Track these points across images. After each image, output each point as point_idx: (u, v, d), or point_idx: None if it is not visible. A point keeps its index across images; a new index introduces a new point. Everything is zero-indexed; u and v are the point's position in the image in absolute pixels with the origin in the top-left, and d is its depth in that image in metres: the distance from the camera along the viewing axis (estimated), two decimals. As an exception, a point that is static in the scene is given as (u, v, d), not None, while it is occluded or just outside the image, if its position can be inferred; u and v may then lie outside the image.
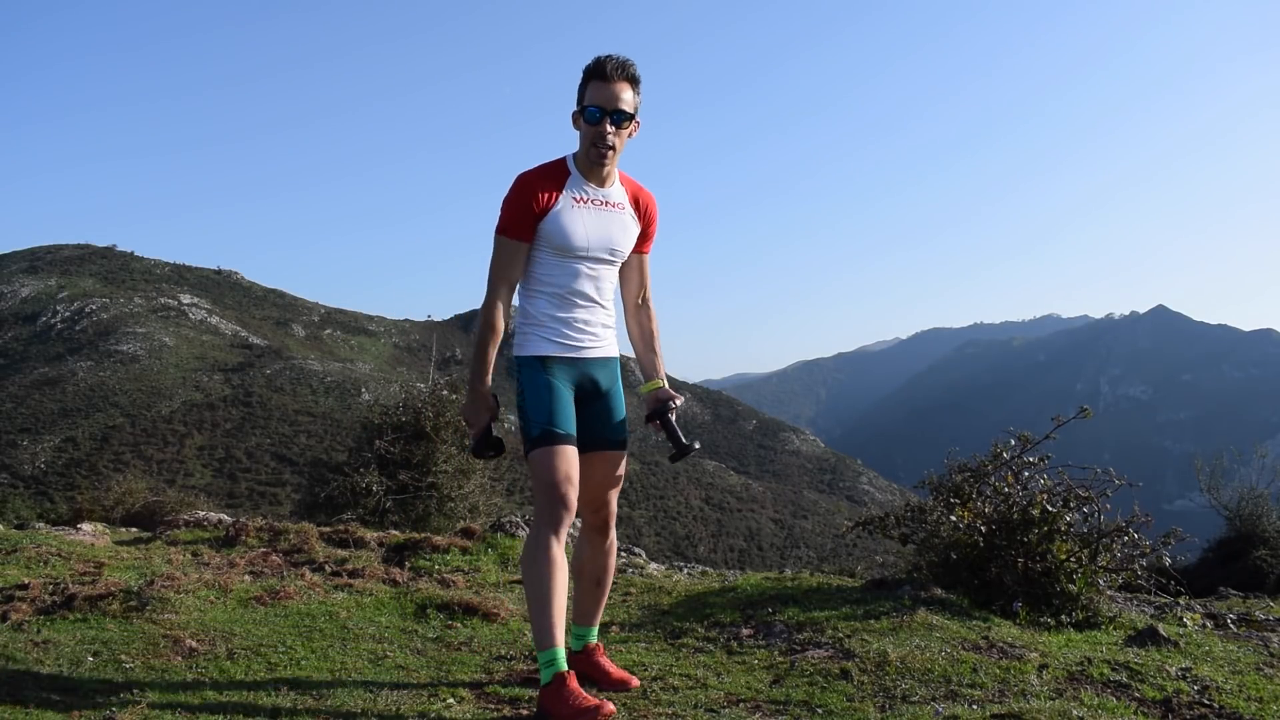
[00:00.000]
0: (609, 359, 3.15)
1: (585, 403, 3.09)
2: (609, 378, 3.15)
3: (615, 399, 3.16)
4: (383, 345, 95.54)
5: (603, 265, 3.09)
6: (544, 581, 2.81)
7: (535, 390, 2.99)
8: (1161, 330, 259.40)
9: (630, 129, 3.04)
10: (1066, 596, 4.23)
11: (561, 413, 2.96)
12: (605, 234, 3.06)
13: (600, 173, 3.06)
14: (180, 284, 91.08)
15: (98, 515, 10.76)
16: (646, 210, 3.19)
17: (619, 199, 3.11)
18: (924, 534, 4.85)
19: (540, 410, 2.95)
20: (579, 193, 3.04)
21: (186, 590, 4.16)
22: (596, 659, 3.14)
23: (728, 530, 63.92)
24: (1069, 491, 4.45)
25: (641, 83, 3.02)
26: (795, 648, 3.54)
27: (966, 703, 2.87)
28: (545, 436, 2.91)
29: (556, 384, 3.00)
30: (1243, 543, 10.11)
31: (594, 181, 3.07)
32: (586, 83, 2.97)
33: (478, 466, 9.09)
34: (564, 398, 3.00)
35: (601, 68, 2.93)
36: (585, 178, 3.06)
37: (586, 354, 3.08)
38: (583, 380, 3.08)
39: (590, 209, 3.04)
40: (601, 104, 2.93)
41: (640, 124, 3.07)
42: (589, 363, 3.09)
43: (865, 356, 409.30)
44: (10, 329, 76.10)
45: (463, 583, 4.81)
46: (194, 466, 55.96)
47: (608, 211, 3.07)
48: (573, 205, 3.01)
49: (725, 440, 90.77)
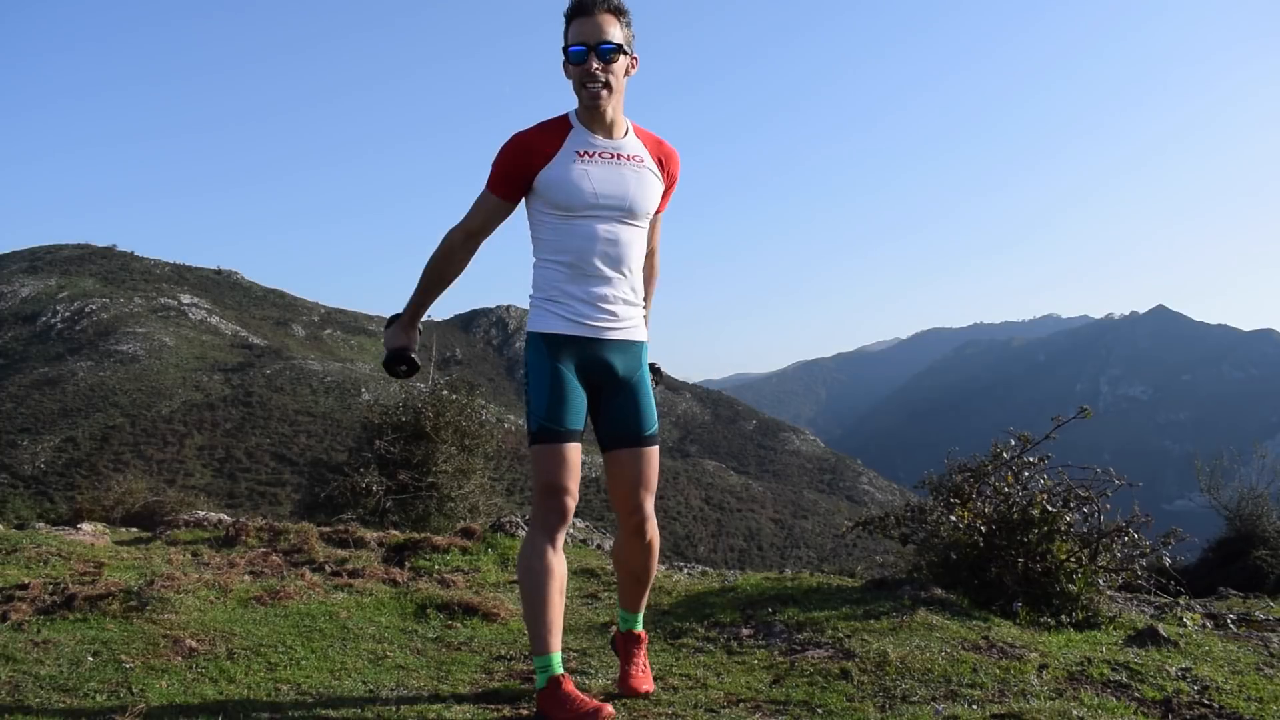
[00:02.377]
0: (632, 343, 2.82)
1: (604, 392, 2.81)
2: (631, 364, 2.82)
3: (640, 388, 2.83)
4: (383, 345, 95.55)
5: (621, 226, 2.75)
6: (537, 590, 2.66)
7: (539, 376, 2.73)
8: (1161, 330, 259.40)
9: (626, 65, 2.73)
10: (1066, 596, 4.24)
11: (564, 406, 2.69)
12: (619, 189, 2.73)
13: (603, 120, 2.73)
14: (180, 284, 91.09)
15: (98, 515, 10.77)
16: (669, 164, 2.88)
17: (635, 150, 2.79)
18: (924, 534, 4.85)
19: (540, 401, 2.70)
20: (584, 146, 2.73)
21: (186, 590, 4.15)
22: (631, 648, 3.01)
23: (728, 530, 63.93)
24: (1069, 491, 4.46)
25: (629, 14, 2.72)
26: (795, 648, 3.54)
27: (966, 703, 2.87)
28: (542, 433, 2.69)
29: (562, 370, 2.72)
30: (1243, 543, 10.12)
31: (600, 133, 2.75)
32: (568, 25, 2.71)
33: (478, 466, 9.10)
34: (569, 387, 2.72)
35: (580, 4, 2.67)
36: (590, 129, 2.75)
37: (604, 335, 2.76)
38: (597, 365, 2.77)
39: (598, 162, 2.72)
40: (585, 40, 2.65)
41: (638, 60, 2.78)
42: (606, 345, 2.76)
43: (865, 356, 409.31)
44: (10, 329, 76.10)
45: (463, 583, 4.81)
46: (194, 466, 55.96)
47: (621, 164, 2.75)
48: (576, 158, 2.71)
49: (725, 440, 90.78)
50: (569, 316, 2.73)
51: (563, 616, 2.73)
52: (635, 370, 2.84)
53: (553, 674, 2.63)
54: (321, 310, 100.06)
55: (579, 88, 2.70)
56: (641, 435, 2.82)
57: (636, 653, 3.03)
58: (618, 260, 2.75)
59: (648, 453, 2.83)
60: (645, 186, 2.78)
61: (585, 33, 2.66)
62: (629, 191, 2.74)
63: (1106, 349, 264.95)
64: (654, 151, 2.84)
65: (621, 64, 2.71)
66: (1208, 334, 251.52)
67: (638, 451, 2.81)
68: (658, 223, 3.00)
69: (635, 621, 3.07)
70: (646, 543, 2.89)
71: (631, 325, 2.82)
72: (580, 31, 2.66)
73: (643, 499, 2.83)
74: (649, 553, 2.92)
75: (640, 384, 2.84)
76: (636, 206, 2.76)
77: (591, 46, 2.65)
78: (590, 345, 2.75)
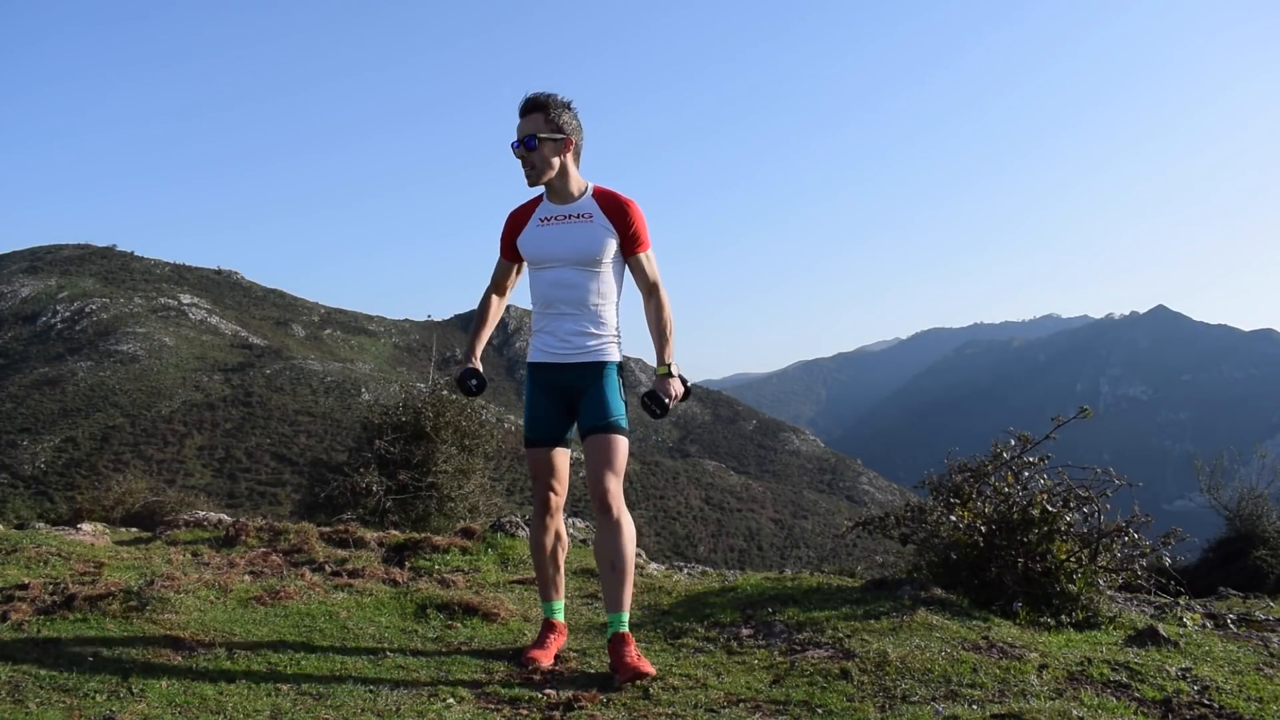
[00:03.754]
0: (592, 363, 3.44)
1: (576, 400, 3.47)
2: (591, 378, 3.44)
3: (599, 392, 3.42)
4: (383, 345, 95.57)
5: (578, 271, 3.41)
6: (536, 555, 3.59)
7: (526, 398, 3.57)
8: (1161, 330, 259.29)
9: (554, 148, 3.38)
10: (1066, 596, 4.24)
11: (537, 419, 3.50)
12: (570, 244, 3.40)
13: (555, 191, 3.46)
14: (180, 284, 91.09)
15: (98, 515, 10.77)
16: (622, 216, 3.43)
17: (587, 209, 3.44)
18: (924, 534, 4.85)
19: (526, 417, 3.54)
20: (545, 213, 3.48)
21: (186, 590, 4.15)
22: (619, 649, 3.24)
23: (728, 530, 63.92)
24: (1069, 491, 4.46)
25: (555, 105, 3.37)
26: (795, 648, 3.54)
27: (966, 703, 2.87)
28: (526, 441, 3.54)
29: (538, 393, 3.51)
30: (1243, 543, 10.11)
31: (555, 201, 3.47)
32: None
33: (478, 466, 9.09)
34: (541, 405, 3.50)
35: (520, 105, 3.40)
36: (550, 201, 3.48)
37: (565, 359, 3.44)
38: (566, 384, 3.46)
39: (554, 225, 3.44)
40: (519, 135, 3.39)
41: (573, 140, 3.42)
42: (569, 368, 3.44)
43: (865, 356, 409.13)
44: (10, 329, 76.10)
45: (463, 583, 4.81)
46: (194, 466, 55.95)
47: (573, 224, 3.42)
48: (538, 225, 3.47)
49: (725, 440, 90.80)
50: (540, 348, 3.50)
51: (560, 577, 3.62)
52: (596, 380, 3.44)
53: (545, 617, 3.61)
54: (321, 310, 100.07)
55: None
56: (601, 422, 3.38)
57: (625, 649, 3.25)
58: (577, 300, 3.42)
59: (608, 437, 3.37)
60: (595, 238, 3.40)
61: (519, 129, 3.40)
62: (580, 245, 3.40)
63: (1106, 349, 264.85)
64: (605, 207, 3.44)
65: (547, 149, 3.38)
66: (1208, 334, 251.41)
67: (600, 436, 3.37)
68: (645, 262, 3.51)
69: (620, 622, 3.31)
70: (613, 519, 3.32)
71: (595, 350, 3.44)
72: (518, 128, 3.41)
73: (602, 476, 3.32)
74: (618, 533, 3.31)
75: (602, 387, 3.43)
76: (584, 254, 3.40)
77: (521, 141, 3.38)
78: (557, 370, 3.46)
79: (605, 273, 3.44)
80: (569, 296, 3.41)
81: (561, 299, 3.42)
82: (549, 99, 3.39)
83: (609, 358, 3.45)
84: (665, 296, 3.51)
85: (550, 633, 3.54)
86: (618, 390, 3.45)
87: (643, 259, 3.49)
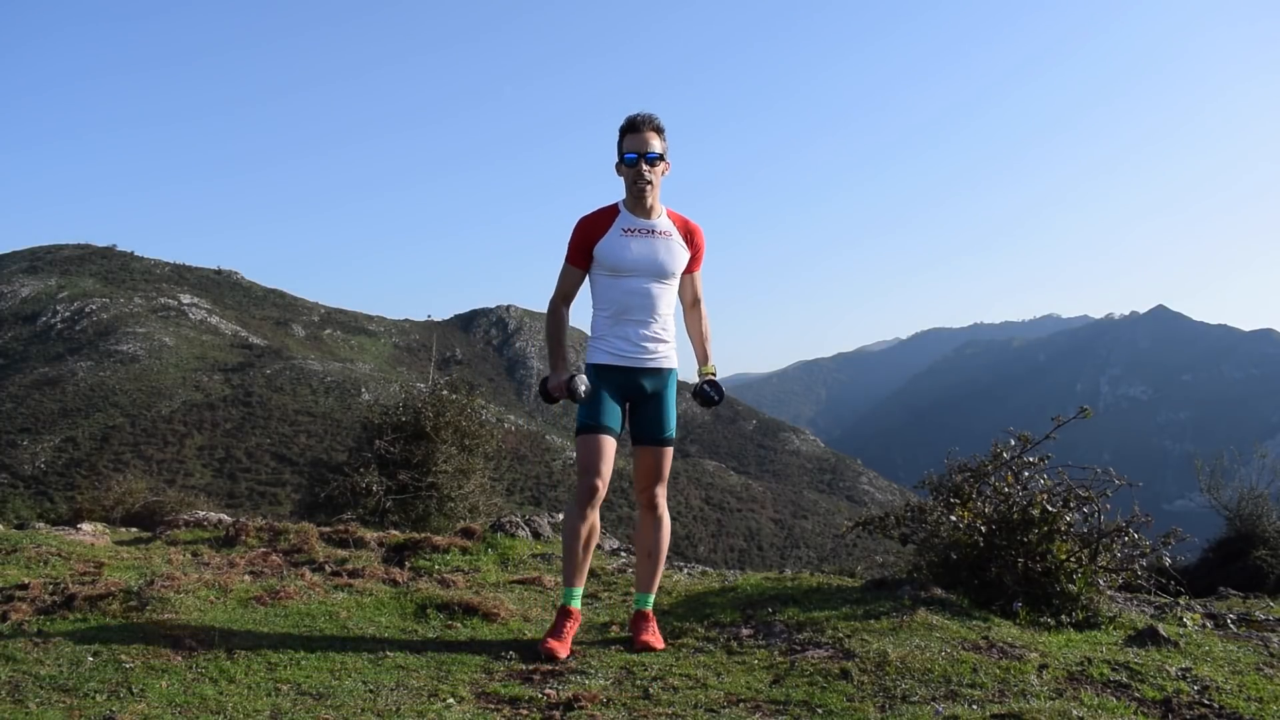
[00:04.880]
0: (659, 369, 3.73)
1: (638, 404, 3.74)
2: (658, 384, 3.74)
3: (662, 403, 3.74)
4: (383, 345, 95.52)
5: (655, 283, 3.68)
6: (570, 542, 3.63)
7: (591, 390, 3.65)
8: (1161, 330, 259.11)
9: (663, 168, 3.68)
10: (1066, 596, 4.23)
11: (600, 409, 3.63)
12: (652, 257, 3.67)
13: (644, 206, 3.69)
14: (180, 284, 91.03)
15: (98, 515, 10.76)
16: (694, 237, 3.80)
17: (666, 228, 3.74)
18: (924, 534, 4.85)
19: (590, 406, 3.63)
20: (628, 225, 3.70)
21: (186, 590, 4.16)
22: (640, 624, 3.70)
23: (728, 530, 63.90)
24: (1069, 491, 4.45)
25: (665, 130, 3.65)
26: (795, 648, 3.54)
27: (966, 703, 2.87)
28: (583, 427, 3.64)
29: (602, 388, 3.66)
30: (1243, 543, 10.11)
31: (640, 215, 3.71)
32: (622, 137, 3.64)
33: (478, 466, 9.09)
34: (605, 398, 3.65)
35: (634, 123, 3.63)
36: (633, 213, 3.71)
37: (639, 364, 3.69)
38: (632, 386, 3.70)
39: (638, 237, 3.68)
40: (636, 149, 3.62)
41: (670, 165, 3.70)
42: (639, 372, 3.69)
43: (865, 356, 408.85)
44: (10, 329, 76.06)
45: (463, 583, 4.81)
46: (194, 466, 55.92)
47: (655, 238, 3.69)
48: (622, 234, 3.68)
49: (725, 440, 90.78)
50: (610, 351, 3.69)
51: (587, 566, 3.71)
52: (662, 388, 3.75)
53: (564, 604, 3.67)
54: (321, 310, 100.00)
55: (630, 184, 3.66)
56: (659, 437, 3.73)
57: (646, 624, 3.70)
58: (653, 309, 3.69)
59: (662, 450, 3.74)
60: (674, 254, 3.72)
61: (637, 144, 3.63)
62: (660, 258, 3.69)
63: (1106, 349, 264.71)
64: (681, 228, 3.77)
65: (660, 168, 3.68)
66: (1208, 334, 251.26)
67: (655, 449, 3.73)
68: (696, 279, 3.91)
69: (645, 601, 3.76)
70: (657, 517, 3.76)
71: (660, 356, 3.72)
72: (633, 143, 3.63)
73: (655, 484, 3.75)
74: (659, 528, 3.76)
75: (663, 398, 3.75)
76: (667, 270, 3.71)
77: (641, 155, 3.62)
78: (626, 372, 3.69)
79: (673, 287, 3.77)
80: (644, 304, 3.68)
81: (637, 306, 3.67)
82: (661, 122, 3.66)
83: (673, 364, 3.79)
84: (705, 309, 3.98)
85: (567, 620, 3.64)
86: (674, 401, 3.79)
87: (696, 276, 3.91)
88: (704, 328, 3.98)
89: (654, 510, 3.76)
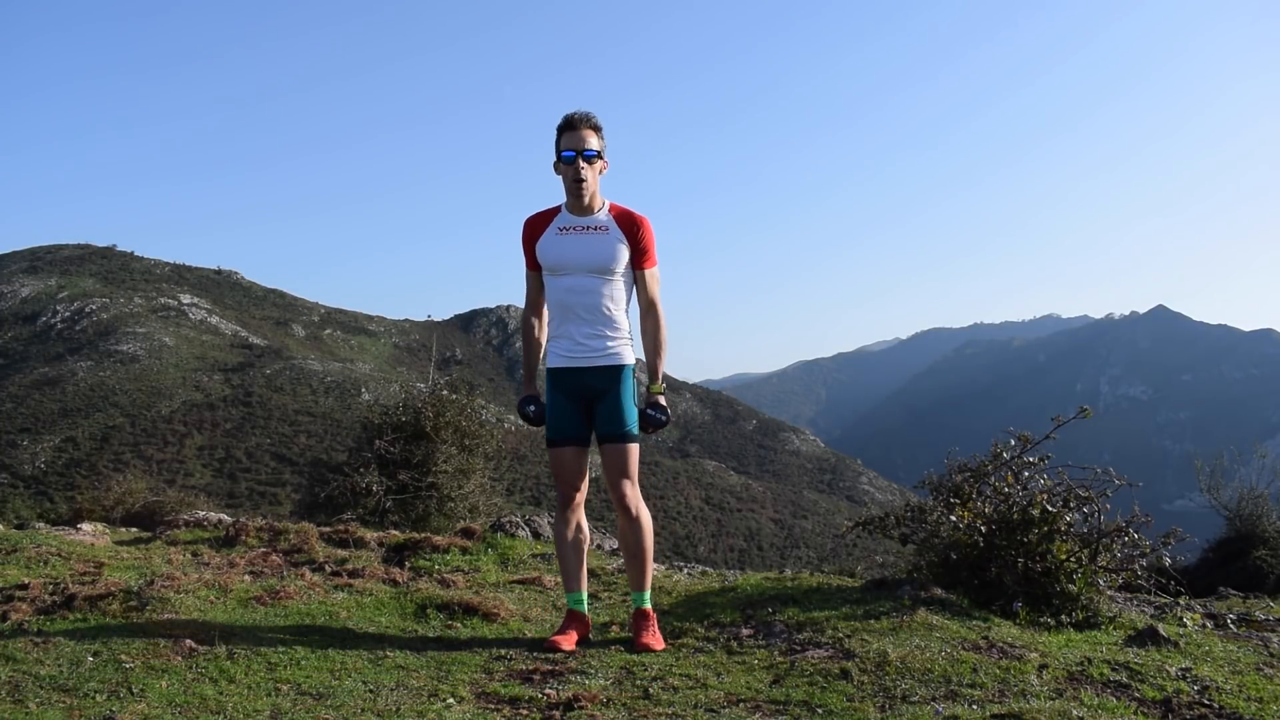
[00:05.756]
0: (609, 367, 3.66)
1: (594, 403, 3.69)
2: (609, 381, 3.67)
3: (615, 399, 3.66)
4: (383, 345, 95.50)
5: (594, 279, 3.62)
6: (559, 548, 3.78)
7: (547, 401, 3.76)
8: (1161, 330, 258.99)
9: (600, 165, 3.66)
10: (1066, 596, 4.23)
11: (559, 422, 3.69)
12: (586, 253, 3.62)
13: (582, 204, 3.65)
14: (180, 284, 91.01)
15: (98, 515, 10.76)
16: (637, 230, 3.68)
17: (604, 223, 3.67)
18: (924, 534, 4.85)
19: (548, 420, 3.72)
20: (564, 223, 3.68)
21: (186, 590, 4.16)
22: (640, 623, 3.70)
23: (728, 530, 63.89)
24: (1069, 491, 4.45)
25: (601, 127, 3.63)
26: (795, 648, 3.54)
27: (966, 703, 2.87)
28: (548, 442, 3.73)
29: (558, 396, 3.70)
30: (1243, 543, 10.11)
31: (578, 213, 3.68)
32: (560, 135, 3.62)
33: (478, 466, 9.09)
34: (562, 408, 3.69)
35: (570, 121, 3.61)
36: (570, 212, 3.69)
37: (584, 363, 3.65)
38: (584, 386, 3.68)
39: (573, 234, 3.65)
40: (574, 147, 3.59)
41: (608, 163, 3.69)
42: (587, 371, 3.66)
43: (865, 356, 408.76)
44: (10, 329, 76.05)
45: (463, 583, 4.81)
46: (194, 466, 55.92)
47: (590, 234, 3.64)
48: (557, 233, 3.67)
49: (725, 440, 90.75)
50: (560, 353, 3.69)
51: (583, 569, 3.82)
52: (613, 384, 3.67)
53: (569, 608, 3.77)
54: (321, 310, 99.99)
55: (568, 182, 3.63)
56: (616, 433, 3.68)
57: (645, 624, 3.70)
58: (591, 306, 3.64)
59: (622, 447, 3.68)
60: (610, 249, 3.64)
61: (574, 142, 3.60)
62: (596, 255, 3.62)
63: (1106, 349, 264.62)
64: (621, 222, 3.68)
65: (598, 165, 3.66)
66: (1208, 334, 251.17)
67: (614, 446, 3.69)
68: (648, 279, 3.75)
69: (642, 599, 3.76)
70: (633, 518, 3.70)
71: (611, 353, 3.67)
72: (570, 140, 3.61)
73: (621, 482, 3.68)
74: (636, 528, 3.71)
75: (618, 395, 3.67)
76: (601, 264, 3.63)
77: (579, 152, 3.59)
78: (577, 373, 3.67)
79: (617, 281, 3.68)
80: (584, 302, 3.64)
81: (578, 304, 3.64)
82: (598, 121, 3.64)
83: (624, 360, 3.70)
84: (662, 316, 3.75)
85: (573, 622, 3.72)
86: (631, 396, 3.69)
87: (647, 275, 3.74)
88: (657, 338, 3.72)
89: (628, 512, 3.70)
